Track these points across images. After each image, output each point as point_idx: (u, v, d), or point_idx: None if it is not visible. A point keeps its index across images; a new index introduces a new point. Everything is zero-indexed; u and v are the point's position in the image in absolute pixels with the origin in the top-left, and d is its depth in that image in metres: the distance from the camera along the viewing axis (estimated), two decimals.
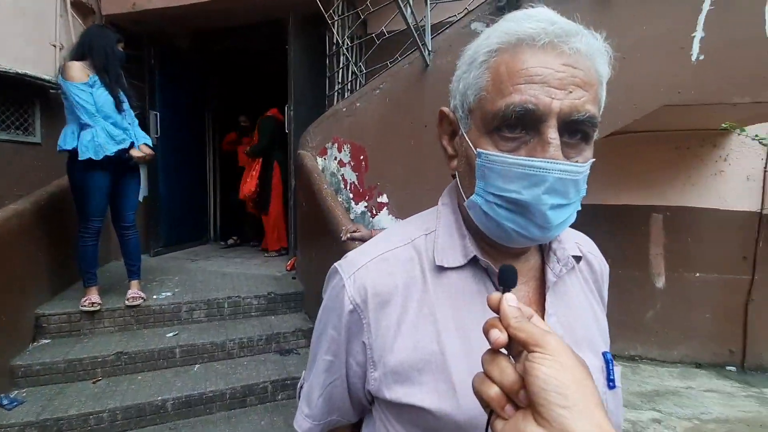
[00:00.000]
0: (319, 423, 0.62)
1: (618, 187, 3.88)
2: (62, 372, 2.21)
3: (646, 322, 3.83)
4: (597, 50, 0.49)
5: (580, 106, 0.46)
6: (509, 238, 0.51)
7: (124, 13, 3.61)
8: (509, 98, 0.46)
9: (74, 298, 2.70)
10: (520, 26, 0.47)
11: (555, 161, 0.45)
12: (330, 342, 0.58)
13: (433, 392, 0.50)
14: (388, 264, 0.56)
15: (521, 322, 0.35)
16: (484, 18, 2.88)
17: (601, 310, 0.65)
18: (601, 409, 0.33)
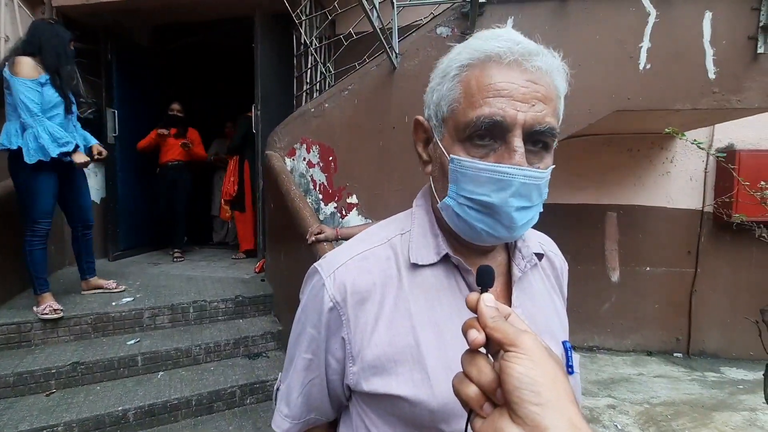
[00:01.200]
0: (299, 422, 0.64)
1: (575, 188, 4.09)
2: (11, 386, 2.06)
3: (602, 314, 4.06)
4: (555, 68, 0.53)
5: (541, 119, 0.50)
6: (479, 237, 0.55)
7: (77, 5, 3.42)
8: (479, 110, 0.50)
9: (23, 307, 2.54)
10: (488, 44, 0.51)
11: (520, 167, 0.49)
12: (309, 341, 0.60)
13: (408, 382, 0.53)
14: (367, 262, 0.59)
15: (497, 322, 0.37)
16: (449, 23, 2.97)
17: (561, 303, 0.71)
18: (574, 405, 0.34)
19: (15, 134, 2.36)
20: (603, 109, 2.81)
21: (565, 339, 0.63)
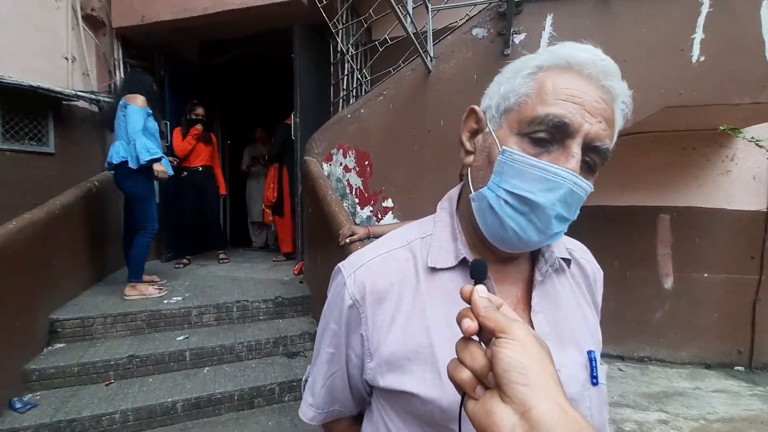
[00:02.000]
0: (322, 411, 0.67)
1: (623, 189, 3.88)
2: (75, 375, 2.26)
3: (654, 323, 3.81)
4: (624, 97, 0.54)
5: (603, 137, 0.51)
6: (504, 239, 0.55)
7: (134, 26, 3.72)
8: (550, 108, 0.50)
9: (87, 304, 2.77)
10: (573, 53, 0.52)
11: (573, 173, 0.50)
12: (332, 336, 0.63)
13: (421, 380, 0.54)
14: (386, 264, 0.61)
15: (489, 311, 0.39)
16: (485, 23, 2.93)
17: (593, 312, 0.69)
18: (558, 386, 0.36)
19: (124, 149, 2.88)
20: (652, 105, 2.66)
21: (592, 348, 0.62)
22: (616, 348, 3.90)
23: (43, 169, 3.32)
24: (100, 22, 3.73)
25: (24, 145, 3.19)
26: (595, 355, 0.61)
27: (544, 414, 0.33)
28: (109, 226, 3.50)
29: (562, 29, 2.79)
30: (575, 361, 0.59)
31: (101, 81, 3.78)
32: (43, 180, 3.27)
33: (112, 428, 2.03)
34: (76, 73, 3.57)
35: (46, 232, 2.58)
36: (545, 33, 2.83)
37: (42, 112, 3.31)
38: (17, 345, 2.21)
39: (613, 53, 0.56)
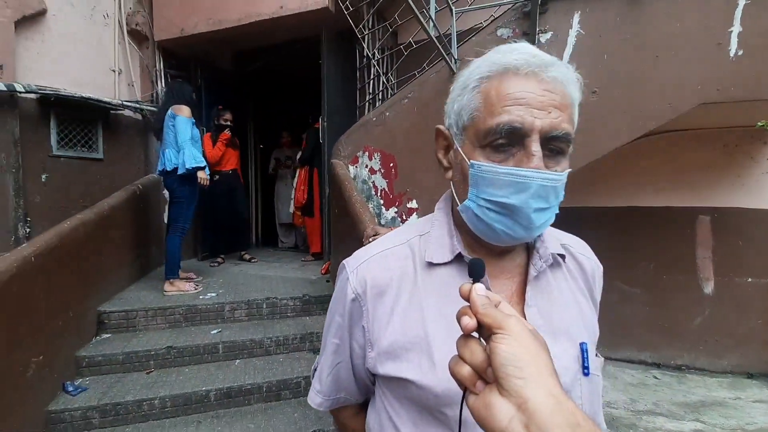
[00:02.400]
0: (329, 398, 0.72)
1: (658, 189, 3.74)
2: (120, 363, 2.44)
3: (693, 329, 3.64)
4: (570, 78, 0.56)
5: (557, 125, 0.53)
6: (498, 238, 0.58)
7: (174, 38, 3.96)
8: (499, 118, 0.54)
9: (131, 299, 2.99)
10: (506, 57, 0.55)
11: (538, 170, 0.53)
12: (337, 327, 0.68)
13: (417, 368, 0.58)
14: (386, 260, 0.65)
15: (487, 309, 0.40)
16: (510, 24, 2.92)
17: (590, 306, 0.71)
18: (553, 377, 0.37)
19: (174, 156, 3.16)
20: (686, 102, 2.57)
21: (585, 341, 0.64)
22: (651, 355, 3.75)
23: (93, 173, 3.59)
24: (143, 36, 4.00)
25: (76, 152, 3.48)
26: (587, 347, 0.63)
27: (540, 405, 0.35)
28: (151, 226, 3.74)
29: (590, 26, 2.75)
30: (567, 353, 0.62)
31: (144, 91, 4.05)
32: (92, 183, 3.55)
33: (151, 413, 2.19)
34: (122, 84, 3.85)
35: (95, 232, 2.80)
36: (572, 31, 2.79)
37: (92, 121, 3.58)
38: (70, 334, 2.42)
39: (645, 49, 0.58)
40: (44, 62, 3.24)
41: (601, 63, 2.72)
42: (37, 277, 2.13)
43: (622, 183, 3.83)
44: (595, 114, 2.74)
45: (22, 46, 3.10)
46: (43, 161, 3.25)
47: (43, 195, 3.23)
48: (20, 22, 3.05)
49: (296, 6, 3.49)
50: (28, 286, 2.07)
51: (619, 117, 2.71)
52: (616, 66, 2.67)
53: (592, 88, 2.75)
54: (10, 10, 2.98)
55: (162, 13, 3.97)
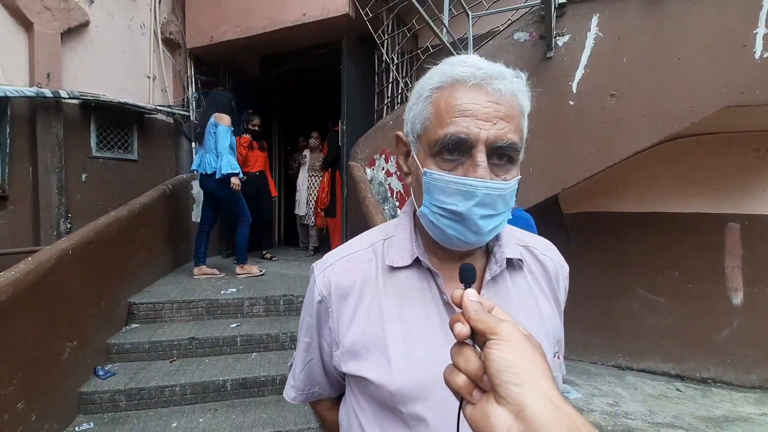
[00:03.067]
0: (302, 392, 0.77)
1: (685, 195, 3.62)
2: (146, 351, 2.61)
3: (720, 341, 3.49)
4: (518, 90, 0.59)
5: (503, 135, 0.56)
6: (451, 242, 0.61)
7: (204, 46, 4.17)
8: (446, 129, 0.56)
9: (159, 291, 3.17)
10: (454, 70, 0.58)
11: (483, 180, 0.56)
12: (307, 327, 0.72)
13: (374, 367, 0.62)
14: (350, 264, 0.68)
15: (480, 314, 0.40)
16: (527, 27, 2.93)
17: (552, 307, 0.71)
18: (550, 381, 0.37)
19: (214, 161, 3.44)
20: (710, 105, 2.50)
21: (543, 342, 0.66)
22: (675, 366, 3.62)
23: (128, 173, 3.84)
24: (176, 44, 4.23)
25: (114, 153, 3.73)
26: (544, 346, 0.66)
27: (537, 411, 0.34)
28: (179, 223, 3.95)
29: (609, 29, 2.71)
30: None
31: (176, 96, 4.28)
32: (128, 183, 3.79)
33: (172, 399, 2.33)
34: (156, 89, 4.09)
35: (127, 228, 3.00)
36: (591, 34, 2.77)
37: (128, 125, 3.83)
38: (103, 322, 2.61)
39: (666, 52, 0.60)
40: (86, 70, 3.50)
41: (620, 65, 2.68)
42: (73, 268, 2.32)
43: (646, 188, 3.73)
44: (613, 117, 2.71)
45: (67, 56, 3.36)
46: (83, 162, 3.50)
47: (83, 193, 3.49)
48: (66, 34, 3.32)
49: (318, 13, 3.61)
50: (66, 276, 2.26)
51: (638, 120, 2.66)
52: (635, 68, 2.63)
53: (610, 91, 2.72)
54: (57, 23, 3.24)
55: (194, 22, 4.19)
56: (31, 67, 3.13)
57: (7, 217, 3.05)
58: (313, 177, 5.19)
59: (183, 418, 2.25)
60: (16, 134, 3.06)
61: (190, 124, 4.34)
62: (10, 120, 3.01)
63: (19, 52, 3.09)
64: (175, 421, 2.22)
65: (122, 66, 3.78)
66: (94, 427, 2.18)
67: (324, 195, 4.74)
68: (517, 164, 0.61)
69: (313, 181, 5.19)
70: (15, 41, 3.07)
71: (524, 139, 0.61)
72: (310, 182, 5.20)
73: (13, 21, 3.06)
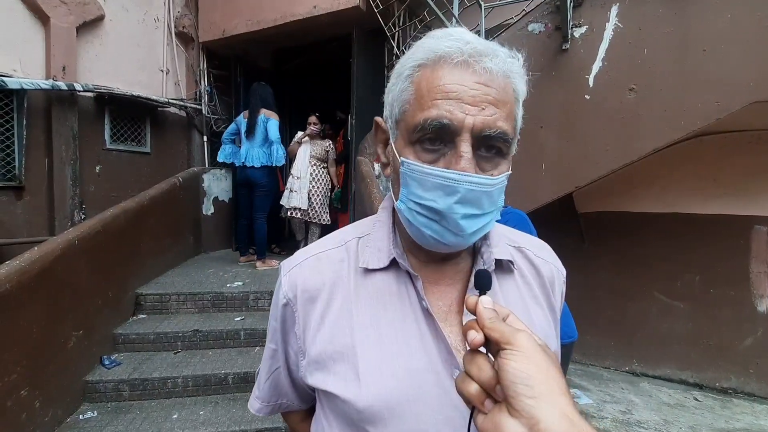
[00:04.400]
0: (268, 404, 0.69)
1: (709, 195, 3.45)
2: (151, 342, 2.64)
3: (743, 350, 3.33)
4: (512, 70, 0.50)
5: (492, 123, 0.48)
6: (428, 243, 0.54)
7: (216, 39, 4.18)
8: (427, 112, 0.48)
9: (166, 283, 3.21)
10: (439, 44, 0.50)
11: (466, 174, 0.48)
12: (273, 332, 0.64)
13: (341, 380, 0.54)
14: (320, 263, 0.60)
15: (495, 323, 0.38)
16: (542, 18, 2.82)
17: (543, 313, 0.64)
18: (566, 396, 0.35)
19: (264, 154, 3.62)
20: (736, 100, 2.35)
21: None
22: (693, 375, 3.47)
23: (141, 165, 3.89)
24: (189, 38, 4.26)
25: (127, 146, 3.78)
26: None
27: (553, 427, 0.33)
28: (189, 216, 3.99)
29: (629, 19, 2.58)
30: None
31: (189, 89, 4.31)
32: (140, 175, 3.84)
33: (174, 390, 2.35)
34: (169, 83, 4.13)
35: (136, 220, 3.03)
36: (609, 25, 2.64)
37: (141, 118, 3.88)
38: (109, 312, 2.64)
39: (690, 43, 0.53)
40: (101, 63, 3.55)
41: (641, 58, 2.55)
42: (80, 259, 2.35)
43: (667, 187, 3.57)
44: (632, 113, 2.58)
45: (83, 49, 3.41)
46: (97, 154, 3.56)
47: (96, 185, 3.55)
48: (81, 27, 3.36)
49: (329, 5, 3.56)
50: (72, 266, 2.29)
51: (659, 116, 2.53)
52: (657, 61, 2.49)
53: (630, 85, 2.59)
54: (72, 17, 3.29)
55: (206, 16, 4.20)
56: (48, 61, 3.19)
57: (24, 207, 3.13)
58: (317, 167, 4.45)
59: (184, 409, 2.26)
60: (33, 126, 3.13)
61: (202, 117, 4.37)
62: (27, 112, 3.08)
63: (36, 45, 3.15)
64: (177, 412, 2.23)
65: (136, 59, 3.82)
66: (98, 415, 2.21)
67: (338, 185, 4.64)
68: (508, 158, 0.53)
69: (317, 172, 4.43)
70: (32, 35, 3.13)
71: (518, 130, 0.53)
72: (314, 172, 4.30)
73: (31, 15, 3.11)
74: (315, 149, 4.24)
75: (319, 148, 4.26)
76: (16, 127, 3.05)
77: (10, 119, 3.02)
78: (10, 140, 3.03)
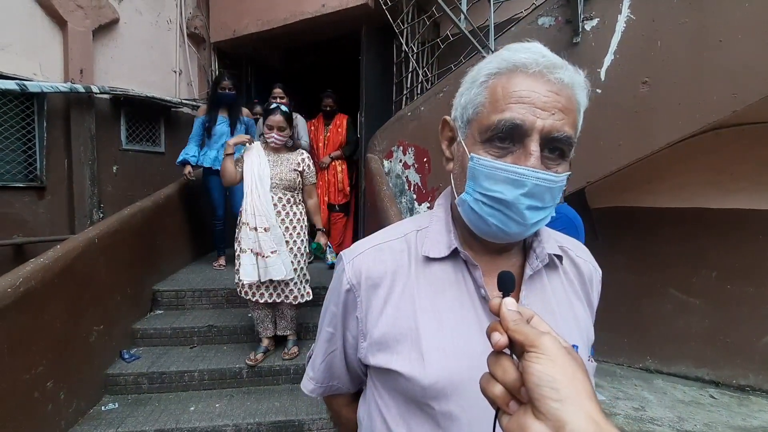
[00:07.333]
0: (321, 385, 0.75)
1: (726, 189, 3.37)
2: (168, 337, 2.72)
3: (761, 347, 3.26)
4: (578, 83, 0.57)
5: (559, 127, 0.54)
6: (491, 233, 0.59)
7: (227, 40, 4.24)
8: (501, 114, 0.55)
9: (182, 279, 3.29)
10: (516, 56, 0.56)
11: (534, 170, 0.54)
12: (331, 317, 0.70)
13: (405, 359, 0.59)
14: (382, 253, 0.66)
15: (519, 325, 0.39)
16: (552, 12, 2.79)
17: (585, 309, 0.70)
18: (592, 400, 0.35)
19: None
20: (755, 92, 2.30)
21: (577, 343, 0.63)
22: (709, 372, 3.41)
23: (156, 165, 3.98)
24: (201, 39, 4.32)
25: (142, 146, 3.87)
26: (578, 349, 0.63)
27: (579, 430, 0.33)
28: (201, 215, 4.06)
29: (642, 11, 2.54)
30: None
31: (201, 89, 4.38)
32: (155, 174, 3.93)
33: (191, 383, 2.42)
34: (182, 83, 4.20)
35: (152, 218, 3.11)
36: (621, 17, 2.60)
37: (155, 118, 3.96)
38: (128, 308, 2.73)
39: (706, 34, 0.56)
40: (116, 65, 3.63)
41: (654, 50, 2.50)
42: (99, 256, 2.43)
43: (682, 182, 3.50)
44: (645, 106, 2.54)
45: (99, 52, 3.50)
46: (114, 154, 3.66)
47: (113, 185, 3.65)
48: (97, 31, 3.45)
49: (337, 3, 3.58)
50: (93, 264, 2.37)
51: (674, 109, 2.48)
52: (671, 53, 2.45)
53: (643, 78, 2.55)
54: (89, 21, 3.37)
55: (217, 17, 4.26)
56: (66, 64, 3.28)
57: (45, 207, 3.23)
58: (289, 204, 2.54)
59: (201, 402, 2.33)
60: (52, 128, 3.23)
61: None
62: (47, 115, 3.17)
63: (54, 49, 3.24)
64: (193, 405, 2.30)
65: (150, 61, 3.90)
66: (119, 407, 2.29)
67: (344, 188, 4.20)
68: (568, 160, 0.59)
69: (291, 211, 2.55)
70: (51, 39, 3.22)
71: (578, 135, 0.59)
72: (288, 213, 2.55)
73: (49, 20, 3.20)
74: (279, 169, 2.44)
75: (286, 168, 2.46)
76: (36, 129, 3.15)
77: (31, 122, 3.12)
78: (31, 142, 3.14)
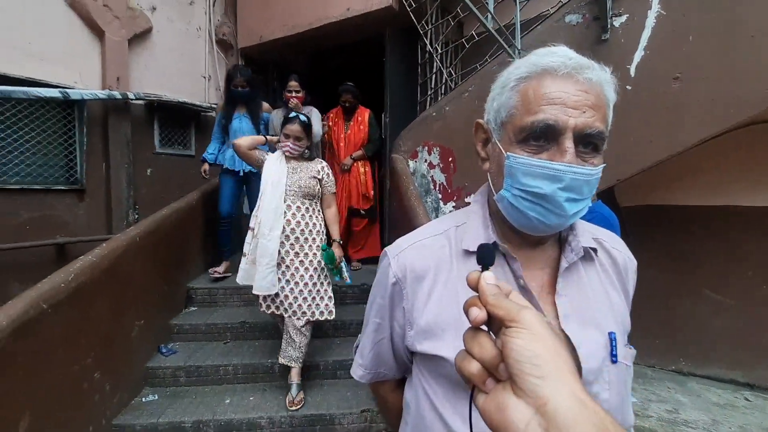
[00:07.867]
0: (370, 372, 0.80)
1: (761, 187, 3.27)
2: (203, 332, 2.81)
3: None
4: (605, 80, 0.60)
5: (591, 123, 0.57)
6: (532, 226, 0.62)
7: (254, 45, 4.35)
8: (535, 116, 0.58)
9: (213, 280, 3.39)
10: (544, 60, 0.59)
11: (570, 165, 0.57)
12: (378, 308, 0.75)
13: (451, 346, 0.62)
14: (424, 248, 0.71)
15: (498, 299, 0.37)
16: (580, 9, 2.78)
17: (621, 299, 0.72)
18: (574, 376, 0.34)
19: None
20: None
21: (614, 330, 0.66)
22: (744, 374, 3.31)
23: (187, 168, 4.11)
24: (228, 45, 4.45)
25: (174, 149, 4.01)
26: (615, 336, 0.65)
27: (562, 407, 0.31)
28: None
29: (672, 5, 2.50)
30: (595, 341, 0.64)
31: None
32: (187, 177, 4.06)
33: (225, 377, 2.50)
34: (211, 88, 4.33)
35: (185, 219, 3.23)
36: (651, 12, 2.57)
37: (186, 123, 4.10)
38: (166, 305, 2.84)
39: (738, 29, 0.58)
40: (150, 72, 3.78)
41: (686, 45, 2.47)
42: (140, 255, 2.54)
43: (715, 179, 3.41)
44: (676, 102, 2.50)
45: (133, 60, 3.65)
46: (148, 158, 3.80)
47: (148, 187, 3.79)
48: (132, 40, 3.60)
49: (362, 7, 3.64)
50: (134, 262, 2.48)
51: (706, 105, 2.44)
52: (702, 48, 2.41)
53: (674, 74, 2.51)
54: (124, 30, 3.52)
55: (244, 23, 4.38)
56: (103, 72, 3.43)
57: (85, 209, 3.39)
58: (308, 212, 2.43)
59: (235, 395, 2.41)
60: (92, 134, 3.38)
61: None
62: (87, 121, 3.33)
63: (92, 58, 3.40)
64: (228, 397, 2.38)
65: (180, 67, 4.04)
66: (159, 399, 2.39)
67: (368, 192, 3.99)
68: (601, 153, 0.62)
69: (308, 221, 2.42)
70: (90, 49, 3.38)
71: (609, 129, 0.62)
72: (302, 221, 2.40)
73: (88, 31, 3.36)
74: (298, 176, 2.35)
75: (305, 175, 2.37)
76: (77, 135, 3.31)
77: (72, 128, 3.29)
78: (72, 147, 3.30)
